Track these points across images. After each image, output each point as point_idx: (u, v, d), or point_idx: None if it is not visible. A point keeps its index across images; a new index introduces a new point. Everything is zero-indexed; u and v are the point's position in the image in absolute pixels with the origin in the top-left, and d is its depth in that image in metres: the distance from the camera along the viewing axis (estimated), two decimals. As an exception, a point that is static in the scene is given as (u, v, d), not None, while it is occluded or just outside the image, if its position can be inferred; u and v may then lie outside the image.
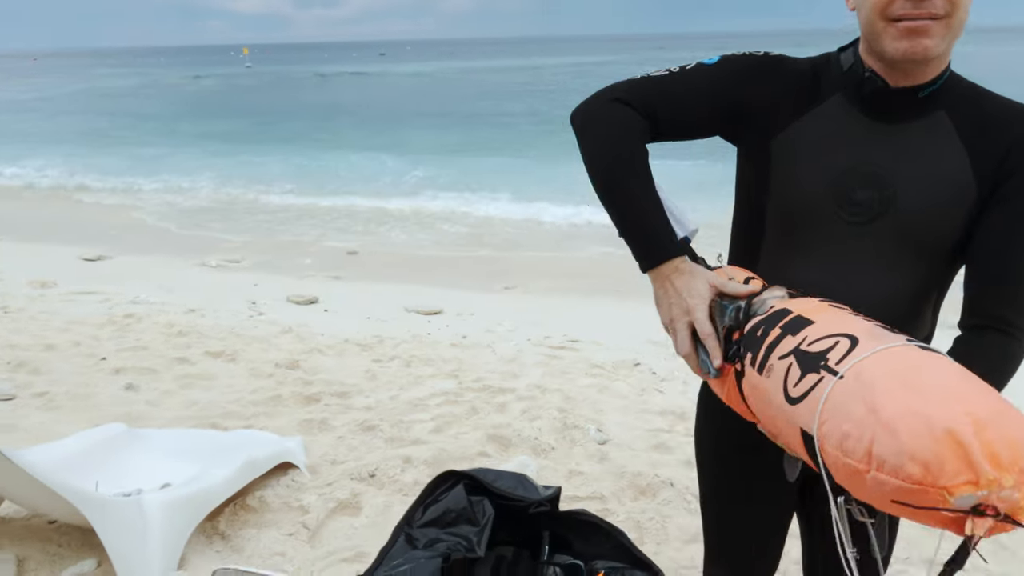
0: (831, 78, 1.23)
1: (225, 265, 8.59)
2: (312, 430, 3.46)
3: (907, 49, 1.08)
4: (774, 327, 1.00)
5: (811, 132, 1.21)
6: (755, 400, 1.01)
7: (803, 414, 0.86)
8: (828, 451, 0.81)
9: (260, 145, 19.79)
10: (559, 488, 1.94)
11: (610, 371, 4.60)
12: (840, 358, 0.86)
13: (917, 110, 1.17)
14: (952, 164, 1.16)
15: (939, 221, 1.16)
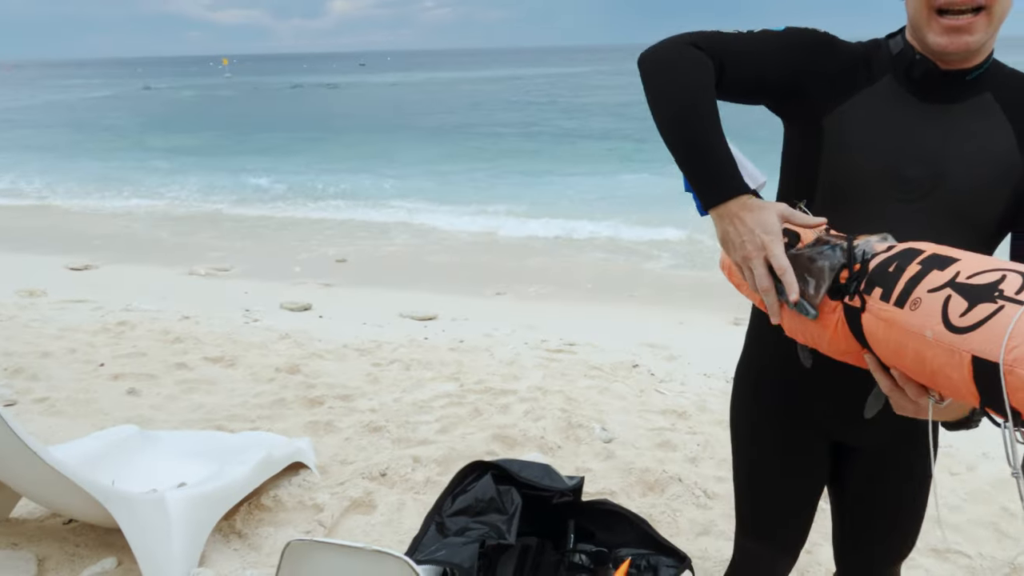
0: (882, 61, 1.28)
1: (214, 273, 8.54)
2: (319, 432, 3.47)
3: (948, 44, 1.15)
4: (911, 262, 1.02)
5: (863, 111, 1.26)
6: (888, 333, 1.01)
7: (979, 341, 0.87)
8: (1021, 375, 0.82)
9: (241, 156, 19.68)
10: (583, 478, 1.97)
11: (609, 373, 4.65)
12: (1018, 289, 0.88)
13: (965, 92, 1.23)
14: (1000, 143, 1.22)
15: (987, 198, 1.22)
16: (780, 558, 1.60)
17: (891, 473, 1.49)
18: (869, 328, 1.05)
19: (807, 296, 1.12)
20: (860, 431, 1.45)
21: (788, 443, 1.50)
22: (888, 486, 1.50)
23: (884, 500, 1.51)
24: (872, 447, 1.47)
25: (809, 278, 1.13)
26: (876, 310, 1.03)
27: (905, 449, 1.47)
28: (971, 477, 3.26)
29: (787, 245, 1.17)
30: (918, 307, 0.96)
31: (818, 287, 1.11)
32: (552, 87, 51.12)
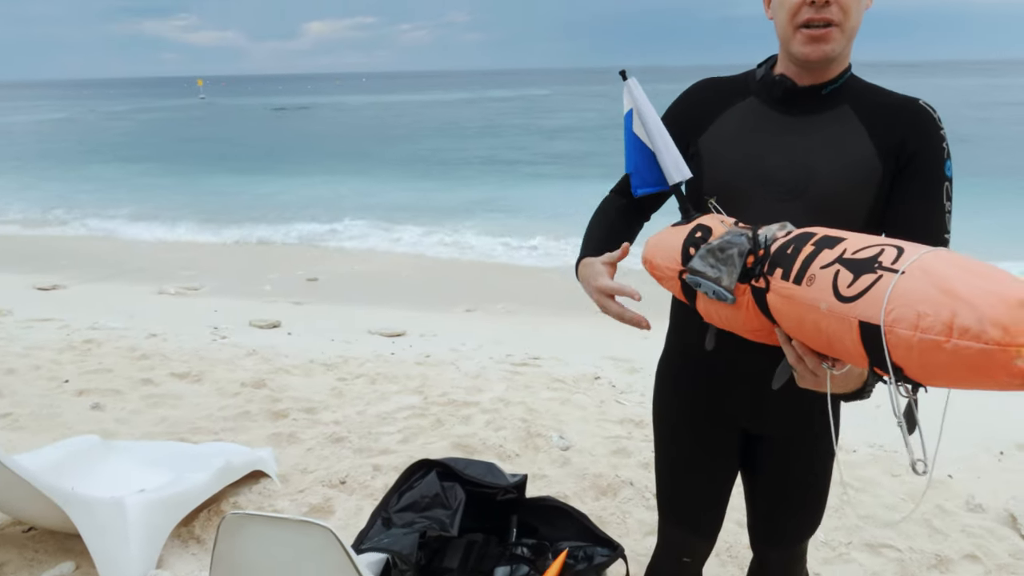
0: (749, 87, 1.49)
1: (184, 292, 8.56)
2: (282, 443, 3.53)
3: (810, 52, 1.34)
4: (805, 244, 1.13)
5: (730, 126, 1.45)
6: (789, 308, 1.11)
7: (864, 307, 0.97)
8: (899, 333, 0.91)
9: (212, 176, 19.64)
10: (525, 475, 2.07)
11: (571, 385, 4.75)
12: (893, 260, 0.98)
13: (824, 104, 1.41)
14: (858, 147, 1.38)
15: (852, 196, 1.37)
16: (699, 542, 1.72)
17: (796, 458, 1.61)
18: (774, 305, 1.15)
19: (722, 284, 1.23)
20: (766, 420, 1.58)
21: (703, 434, 1.62)
22: (794, 470, 1.62)
23: (791, 483, 1.63)
24: (778, 435, 1.60)
25: (721, 267, 1.24)
26: (778, 288, 1.13)
27: (808, 436, 1.59)
28: (909, 478, 3.40)
29: (700, 239, 1.31)
30: (813, 283, 1.06)
31: (731, 274, 1.22)
32: (525, 109, 51.59)
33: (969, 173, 17.06)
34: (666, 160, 1.41)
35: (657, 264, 1.40)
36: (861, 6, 1.34)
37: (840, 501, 3.12)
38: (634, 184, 1.49)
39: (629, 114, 1.47)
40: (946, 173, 1.38)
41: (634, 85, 1.45)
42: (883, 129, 1.38)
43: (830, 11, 1.30)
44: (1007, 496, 3.12)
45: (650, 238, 1.47)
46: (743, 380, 1.53)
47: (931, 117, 1.39)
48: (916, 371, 0.93)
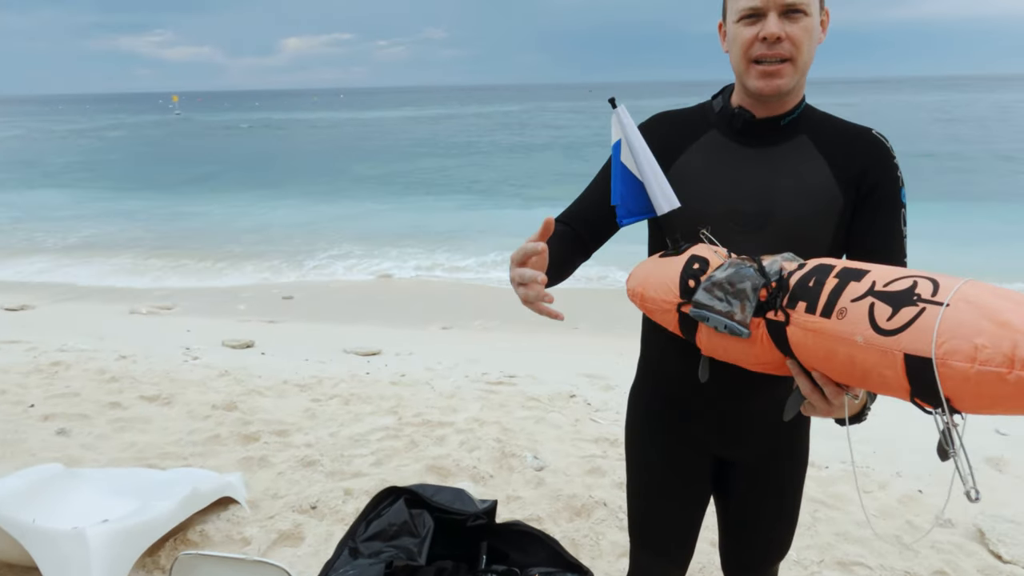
0: (707, 119, 1.50)
1: (157, 312, 8.46)
2: (252, 467, 3.48)
3: (764, 87, 1.36)
4: (827, 276, 1.12)
5: (695, 162, 1.45)
6: (817, 341, 1.10)
7: (909, 340, 0.96)
8: (953, 365, 0.91)
9: (186, 196, 19.44)
10: (495, 501, 2.05)
11: (546, 403, 4.75)
12: (932, 292, 0.98)
13: (782, 136, 1.43)
14: (818, 177, 1.40)
15: (815, 225, 1.38)
16: (671, 568, 1.71)
17: (767, 484, 1.62)
18: (795, 339, 1.14)
19: (736, 318, 1.21)
20: (738, 446, 1.58)
21: (674, 460, 1.62)
22: (765, 496, 1.63)
23: (763, 509, 1.64)
24: (750, 460, 1.60)
25: (733, 300, 1.21)
26: (802, 322, 1.12)
27: (779, 461, 1.60)
28: (882, 495, 3.42)
29: (698, 271, 1.30)
30: (845, 316, 1.06)
31: (744, 308, 1.20)
32: (502, 125, 51.79)
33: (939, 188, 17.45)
34: (655, 189, 1.40)
35: (650, 296, 1.38)
36: (813, 41, 1.36)
37: (812, 519, 3.13)
38: (619, 215, 1.46)
39: (618, 144, 1.45)
40: (902, 200, 1.41)
41: (623, 113, 1.43)
42: (842, 159, 1.40)
43: (782, 47, 1.32)
44: (976, 511, 3.15)
45: (635, 269, 1.47)
46: (714, 407, 1.54)
47: (886, 147, 1.41)
48: (968, 401, 0.94)
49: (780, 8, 1.31)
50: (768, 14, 1.31)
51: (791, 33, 1.32)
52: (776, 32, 1.31)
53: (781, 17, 1.31)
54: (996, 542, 2.84)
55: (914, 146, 25.59)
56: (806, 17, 1.32)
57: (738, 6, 1.35)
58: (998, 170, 21.07)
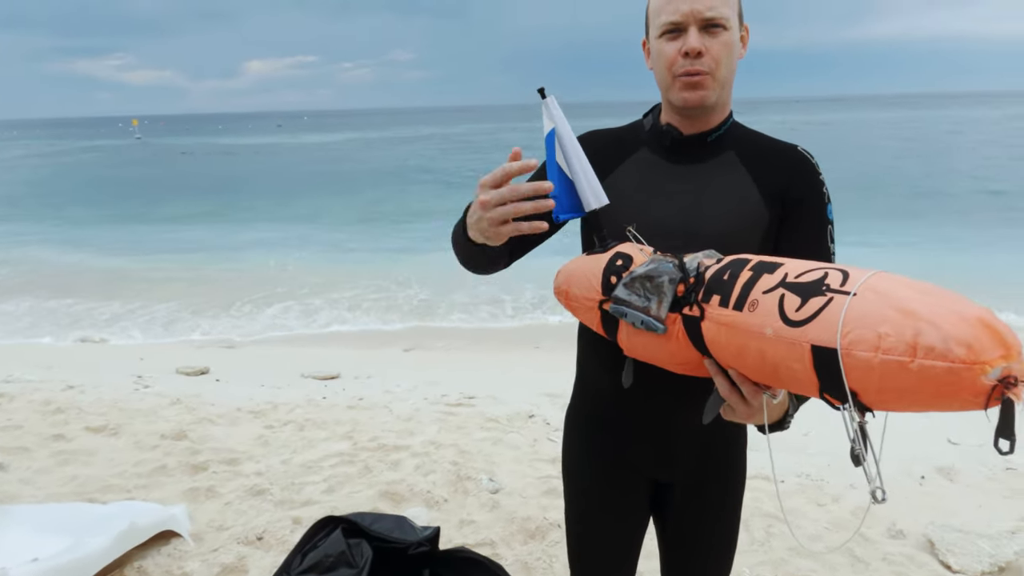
0: (637, 137, 1.49)
1: (108, 339, 8.26)
2: (198, 498, 3.38)
3: (688, 97, 1.36)
4: (742, 269, 1.10)
5: (624, 179, 1.44)
6: (729, 335, 1.07)
7: (816, 331, 0.94)
8: (857, 355, 0.89)
9: (141, 222, 19.04)
10: (438, 528, 2.01)
11: (505, 424, 4.70)
12: (841, 282, 0.96)
13: (709, 152, 1.43)
14: (745, 192, 1.40)
15: (741, 240, 1.37)
16: None
17: (705, 505, 1.59)
18: (710, 335, 1.11)
19: (652, 313, 1.18)
20: (673, 468, 1.56)
21: (612, 485, 1.59)
22: (703, 517, 1.60)
23: (700, 530, 1.61)
24: (685, 482, 1.58)
25: (651, 295, 1.19)
26: (716, 316, 1.10)
27: (714, 481, 1.58)
28: (835, 507, 3.43)
29: (621, 268, 1.27)
30: (756, 308, 1.03)
31: (660, 302, 1.17)
32: (468, 146, 51.99)
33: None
34: (583, 185, 1.36)
35: (573, 294, 1.35)
36: (733, 57, 1.37)
37: (767, 534, 3.13)
38: (555, 210, 1.42)
39: (551, 135, 1.38)
40: (829, 217, 1.42)
41: (552, 104, 1.38)
42: (767, 175, 1.40)
43: (703, 62, 1.33)
44: (926, 521, 3.17)
45: (562, 267, 1.43)
46: (649, 429, 1.52)
47: (811, 164, 1.42)
48: (873, 395, 0.91)
49: (700, 23, 1.32)
50: (689, 29, 1.32)
51: (711, 48, 1.33)
52: (697, 46, 1.31)
53: (701, 32, 1.32)
54: (945, 552, 2.86)
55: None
56: (725, 32, 1.33)
57: (659, 21, 1.35)
58: (956, 188, 21.63)
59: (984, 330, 0.84)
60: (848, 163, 27.45)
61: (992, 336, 0.83)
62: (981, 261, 11.74)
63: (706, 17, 1.31)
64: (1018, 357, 0.83)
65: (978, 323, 0.84)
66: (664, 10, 1.34)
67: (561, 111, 1.40)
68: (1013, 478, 3.82)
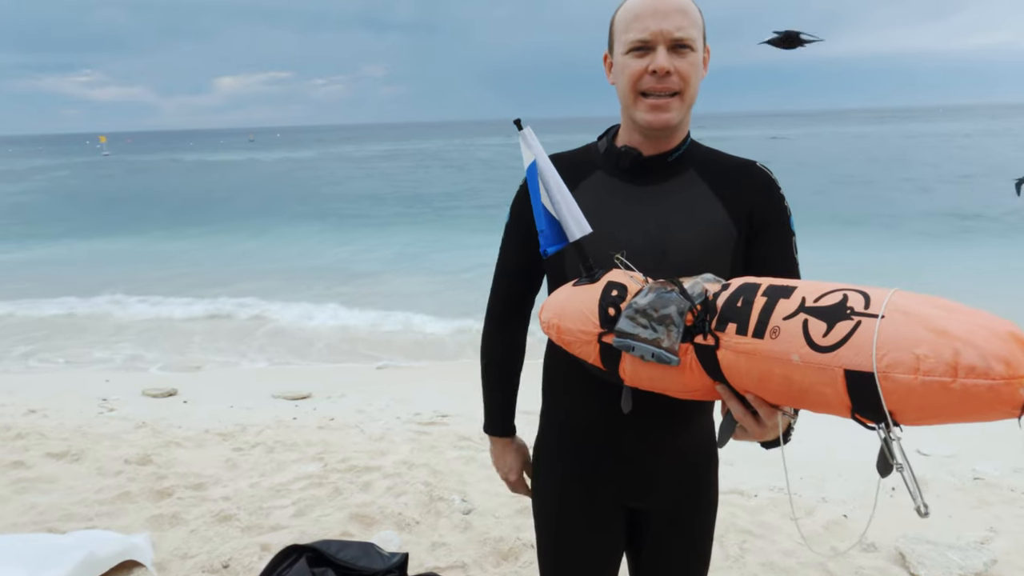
0: (592, 160, 1.47)
1: (74, 362, 8.08)
2: (162, 526, 3.29)
3: (653, 120, 1.34)
4: (755, 295, 1.08)
5: (582, 204, 1.38)
6: (750, 363, 1.06)
7: (849, 355, 0.93)
8: (896, 378, 0.89)
9: (110, 240, 18.71)
10: (406, 555, 1.97)
11: (478, 442, 4.66)
12: (864, 306, 0.95)
13: (670, 172, 1.41)
14: (711, 212, 1.38)
15: (709, 259, 1.35)
16: None
17: (680, 531, 1.57)
18: (727, 362, 1.09)
19: (664, 345, 1.15)
20: (649, 496, 1.53)
21: (588, 513, 1.55)
22: (678, 544, 1.58)
23: (675, 557, 1.59)
24: (661, 509, 1.55)
25: (659, 326, 1.16)
26: (733, 344, 1.07)
27: (690, 507, 1.56)
28: (808, 521, 3.44)
29: (617, 299, 1.23)
30: (779, 335, 1.02)
31: (671, 334, 1.14)
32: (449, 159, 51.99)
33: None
34: (565, 215, 1.34)
35: (567, 328, 1.31)
36: (699, 76, 1.36)
37: (740, 550, 3.12)
38: (542, 244, 1.38)
39: (533, 168, 1.37)
40: (791, 229, 1.42)
41: (530, 135, 1.37)
42: (731, 193, 1.39)
43: (671, 81, 1.32)
44: (898, 534, 3.19)
45: (548, 300, 1.40)
46: (626, 458, 1.49)
47: (771, 179, 1.42)
48: (910, 414, 0.92)
49: (669, 42, 1.30)
50: (657, 47, 1.31)
51: (679, 68, 1.31)
52: (666, 66, 1.30)
53: (670, 51, 1.31)
54: (916, 564, 2.87)
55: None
56: (692, 52, 1.32)
57: (627, 38, 1.33)
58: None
59: (1016, 344, 0.86)
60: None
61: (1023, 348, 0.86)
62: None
63: (675, 37, 1.30)
64: None
65: (1010, 338, 0.86)
66: (632, 27, 1.32)
67: (538, 141, 1.39)
68: (980, 488, 3.87)
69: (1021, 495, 3.78)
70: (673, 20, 1.29)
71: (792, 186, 1.50)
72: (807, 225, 11.85)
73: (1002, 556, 3.01)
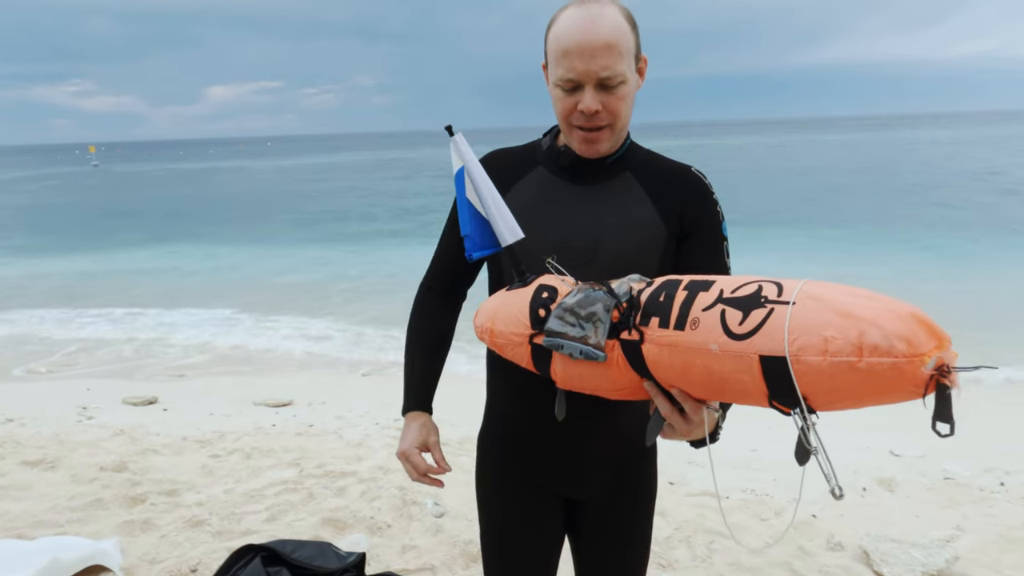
0: (536, 156, 1.51)
1: (56, 371, 8.05)
2: (134, 531, 3.29)
3: (584, 151, 1.41)
4: (677, 290, 1.12)
5: (523, 198, 1.45)
6: (672, 356, 1.08)
7: (763, 342, 0.97)
8: (807, 360, 0.92)
9: (95, 251, 18.61)
10: (363, 554, 1.99)
11: (456, 446, 4.68)
12: (777, 294, 0.99)
13: (607, 173, 1.45)
14: (642, 213, 1.42)
15: (640, 259, 1.39)
16: None
17: (617, 522, 1.60)
18: (651, 356, 1.12)
19: (591, 342, 1.17)
20: (583, 486, 1.57)
21: (527, 505, 1.59)
22: (615, 534, 1.61)
23: (611, 546, 1.62)
24: (597, 499, 1.58)
25: (586, 324, 1.18)
26: (656, 337, 1.10)
27: (626, 499, 1.59)
28: (777, 521, 3.47)
29: (548, 300, 1.26)
30: (698, 326, 1.05)
31: (598, 330, 1.17)
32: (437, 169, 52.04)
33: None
34: (497, 220, 1.37)
35: (499, 331, 1.33)
36: (630, 102, 1.37)
37: (708, 550, 3.15)
38: (468, 249, 1.42)
39: (460, 173, 1.41)
40: (724, 234, 1.45)
41: (461, 141, 1.40)
42: (664, 195, 1.43)
43: (599, 118, 1.35)
44: (863, 533, 3.22)
45: (482, 305, 1.43)
46: (560, 449, 1.53)
47: (704, 184, 1.45)
48: (823, 396, 0.94)
49: (596, 82, 1.31)
50: (585, 87, 1.32)
51: (607, 104, 1.33)
52: (594, 107, 1.32)
53: (597, 89, 1.32)
54: (879, 562, 2.90)
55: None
56: (623, 85, 1.33)
57: (557, 72, 1.34)
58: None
59: (919, 325, 0.89)
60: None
61: (926, 329, 0.89)
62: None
63: (602, 77, 1.31)
64: (949, 347, 0.89)
65: (911, 318, 0.89)
66: (561, 63, 1.32)
67: (470, 148, 1.41)
68: (951, 487, 3.91)
69: (990, 494, 3.82)
70: (600, 60, 1.29)
71: (793, 187, 1.51)
72: (821, 230, 11.74)
73: (965, 553, 3.05)
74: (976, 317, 8.85)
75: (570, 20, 1.31)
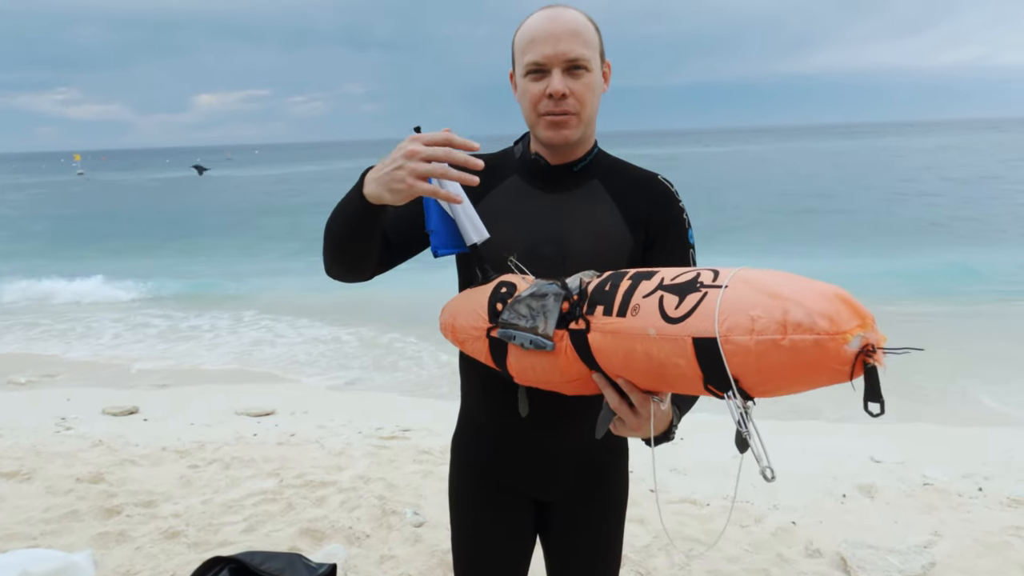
0: (509, 164, 1.53)
1: (37, 381, 7.95)
2: (108, 544, 3.25)
3: (553, 136, 1.40)
4: (622, 280, 1.14)
5: (496, 204, 1.47)
6: (615, 343, 1.11)
7: (696, 324, 0.98)
8: (735, 340, 0.94)
9: (77, 260, 18.45)
10: (334, 565, 1.97)
11: (437, 456, 4.66)
12: (713, 278, 1.01)
13: (576, 181, 1.47)
14: (609, 220, 1.44)
15: (606, 267, 1.39)
16: None
17: (586, 523, 1.61)
18: (596, 344, 1.14)
19: (540, 331, 1.21)
20: (552, 489, 1.58)
21: (497, 507, 1.61)
22: (585, 535, 1.62)
23: (582, 547, 1.63)
24: (567, 502, 1.59)
25: (536, 314, 1.22)
26: (601, 325, 1.13)
27: (594, 501, 1.60)
28: (757, 528, 3.47)
29: (506, 295, 1.29)
30: (638, 312, 1.07)
31: (547, 319, 1.20)
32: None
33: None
34: (464, 221, 1.39)
35: (460, 326, 1.37)
36: (596, 95, 1.41)
37: (687, 557, 3.14)
38: (434, 244, 1.43)
39: None
40: (690, 241, 1.47)
41: None
42: (630, 203, 1.46)
43: (567, 104, 1.37)
44: (842, 539, 3.22)
45: (447, 304, 1.46)
46: (529, 451, 1.54)
47: (671, 192, 1.47)
48: (753, 377, 0.95)
49: (563, 65, 1.35)
50: (552, 71, 1.35)
51: (574, 90, 1.36)
52: (561, 89, 1.35)
53: (564, 74, 1.36)
54: (856, 568, 2.91)
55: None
56: (588, 73, 1.37)
57: (523, 60, 1.38)
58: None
59: (841, 304, 0.90)
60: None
61: (849, 308, 0.90)
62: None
63: (569, 59, 1.35)
64: (873, 326, 0.90)
65: (835, 298, 0.91)
66: (528, 50, 1.37)
67: None
68: (929, 493, 3.92)
69: (968, 500, 3.84)
70: (566, 43, 1.34)
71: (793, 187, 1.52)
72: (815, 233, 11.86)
73: (942, 559, 3.06)
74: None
75: (536, 17, 1.38)
